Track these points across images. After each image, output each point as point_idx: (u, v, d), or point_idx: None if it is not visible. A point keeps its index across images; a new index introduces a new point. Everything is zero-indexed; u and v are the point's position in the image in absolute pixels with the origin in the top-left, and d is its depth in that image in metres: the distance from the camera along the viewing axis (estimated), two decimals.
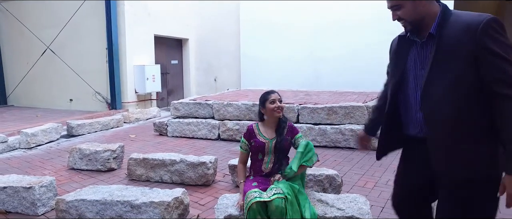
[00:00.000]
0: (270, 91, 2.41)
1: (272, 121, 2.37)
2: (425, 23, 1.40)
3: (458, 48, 1.30)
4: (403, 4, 1.41)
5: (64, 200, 2.63)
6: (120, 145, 4.17)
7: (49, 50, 8.84)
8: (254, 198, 1.97)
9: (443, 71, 1.33)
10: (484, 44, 1.25)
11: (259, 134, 2.34)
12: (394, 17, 1.46)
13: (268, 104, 2.33)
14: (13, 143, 5.13)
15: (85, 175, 3.88)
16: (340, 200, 2.32)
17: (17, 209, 2.89)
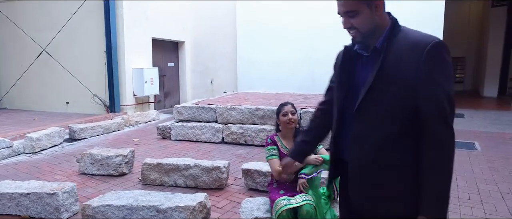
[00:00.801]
0: (284, 103, 2.54)
1: (289, 132, 2.51)
2: (375, 36, 1.29)
3: (401, 69, 1.20)
4: (360, 11, 1.26)
5: (90, 205, 2.73)
6: (131, 150, 4.26)
7: (45, 53, 8.78)
8: (283, 206, 2.12)
9: (381, 92, 1.23)
10: (428, 69, 1.17)
11: (281, 146, 2.48)
12: (346, 25, 1.30)
13: (281, 116, 2.47)
14: (18, 148, 5.15)
15: (98, 180, 3.96)
16: None
17: (40, 215, 2.97)
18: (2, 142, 4.89)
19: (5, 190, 3.02)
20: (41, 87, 9.23)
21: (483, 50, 12.33)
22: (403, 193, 1.24)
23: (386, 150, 1.23)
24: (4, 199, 2.99)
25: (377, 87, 1.23)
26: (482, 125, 7.03)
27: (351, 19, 1.28)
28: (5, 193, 2.98)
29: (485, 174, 4.03)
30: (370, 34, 1.28)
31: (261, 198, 2.63)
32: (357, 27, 1.28)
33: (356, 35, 1.30)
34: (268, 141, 2.52)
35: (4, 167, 4.54)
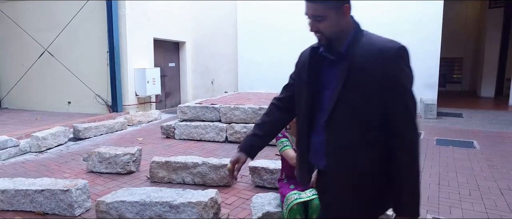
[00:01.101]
0: None
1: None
2: (340, 40, 1.31)
3: (367, 75, 1.22)
4: (327, 16, 1.27)
5: (103, 201, 2.81)
6: (138, 149, 4.33)
7: (46, 53, 8.82)
8: (295, 200, 2.21)
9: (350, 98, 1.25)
10: (395, 75, 1.21)
11: (293, 141, 2.57)
12: (313, 28, 1.31)
13: None
14: (24, 147, 5.20)
15: (106, 178, 4.03)
16: None
17: (54, 211, 3.04)
18: (9, 141, 4.95)
19: (19, 187, 3.08)
20: (42, 87, 9.27)
21: (481, 51, 12.49)
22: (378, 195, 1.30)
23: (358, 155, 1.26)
24: (18, 195, 3.06)
25: (345, 94, 1.25)
26: (480, 124, 7.15)
27: (318, 23, 1.29)
28: (19, 189, 3.05)
29: (485, 172, 4.14)
30: (336, 38, 1.30)
31: (271, 193, 2.72)
32: (323, 31, 1.28)
33: (321, 39, 1.31)
34: (279, 135, 2.58)
35: (12, 166, 4.60)
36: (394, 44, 1.24)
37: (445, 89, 13.80)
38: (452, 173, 4.11)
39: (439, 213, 3.01)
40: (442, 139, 5.93)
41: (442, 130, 6.68)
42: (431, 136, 6.16)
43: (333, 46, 1.32)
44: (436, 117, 7.86)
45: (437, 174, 4.11)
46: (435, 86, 8.67)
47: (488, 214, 2.98)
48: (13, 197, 3.07)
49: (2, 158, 4.81)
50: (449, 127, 7.02)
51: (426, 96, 8.62)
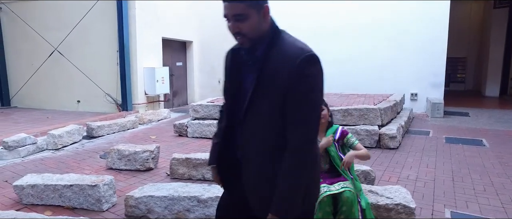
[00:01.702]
0: None
1: (322, 126, 2.67)
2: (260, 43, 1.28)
3: (276, 80, 1.21)
4: (249, 16, 1.22)
5: (132, 196, 2.89)
6: (156, 146, 4.42)
7: (55, 52, 8.91)
8: (324, 193, 2.29)
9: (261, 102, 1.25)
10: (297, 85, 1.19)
11: None
12: (234, 29, 1.24)
13: None
14: (41, 144, 5.29)
15: (127, 175, 4.12)
16: (386, 190, 2.69)
17: (82, 206, 3.12)
18: (28, 139, 5.03)
19: (48, 182, 3.17)
20: (51, 86, 9.36)
21: (485, 51, 12.57)
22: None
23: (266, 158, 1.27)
24: (48, 190, 3.14)
25: (257, 97, 1.24)
26: (488, 123, 7.24)
27: (239, 24, 1.22)
28: (49, 184, 3.13)
29: (497, 168, 4.23)
30: (258, 40, 1.26)
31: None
32: (245, 33, 1.23)
33: (243, 42, 1.25)
34: None
35: (32, 163, 4.69)
36: (301, 52, 1.20)
37: (449, 88, 13.87)
38: (464, 170, 4.19)
39: (457, 208, 3.09)
40: (451, 137, 6.01)
41: (450, 129, 6.76)
42: (440, 134, 6.24)
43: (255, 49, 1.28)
44: (443, 116, 7.94)
45: (450, 170, 4.20)
46: (442, 85, 8.76)
47: (505, 208, 3.07)
48: (43, 192, 3.16)
49: (21, 155, 4.90)
50: (456, 125, 7.10)
51: (432, 95, 8.71)
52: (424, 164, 4.49)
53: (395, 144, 5.25)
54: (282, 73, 1.19)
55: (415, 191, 3.50)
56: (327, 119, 2.62)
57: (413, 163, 4.56)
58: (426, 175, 4.03)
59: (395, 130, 5.35)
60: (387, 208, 2.52)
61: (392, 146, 5.23)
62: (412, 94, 8.93)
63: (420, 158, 4.78)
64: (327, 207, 2.29)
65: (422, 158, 4.77)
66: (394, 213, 2.51)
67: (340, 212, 2.30)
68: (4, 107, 9.70)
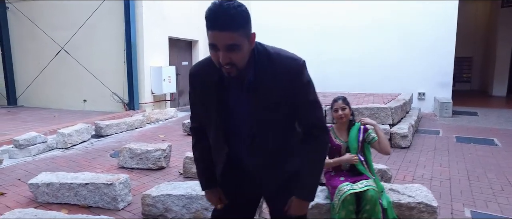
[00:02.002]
0: (335, 99, 2.66)
1: (342, 125, 2.64)
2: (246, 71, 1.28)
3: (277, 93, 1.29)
4: (242, 45, 1.19)
5: (149, 195, 2.87)
6: (168, 145, 4.40)
7: (62, 51, 8.91)
8: (348, 191, 2.27)
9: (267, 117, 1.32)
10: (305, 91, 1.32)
11: (335, 137, 2.62)
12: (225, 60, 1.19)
13: (333, 112, 2.62)
14: (51, 143, 5.27)
15: (139, 173, 4.10)
16: (407, 189, 2.66)
17: (98, 204, 3.10)
18: (38, 137, 5.02)
19: (63, 180, 3.15)
20: (58, 85, 9.35)
21: (492, 50, 12.50)
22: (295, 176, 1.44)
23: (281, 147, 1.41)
24: (63, 188, 3.12)
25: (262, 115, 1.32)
26: (497, 122, 7.19)
27: (231, 54, 1.18)
28: (64, 183, 3.12)
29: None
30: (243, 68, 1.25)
31: None
32: (236, 62, 1.20)
33: (231, 71, 1.22)
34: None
35: (43, 161, 4.68)
36: (296, 62, 1.31)
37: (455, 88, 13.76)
38: (479, 169, 4.16)
39: (476, 207, 3.06)
40: (461, 136, 5.97)
41: (460, 128, 6.72)
42: (450, 134, 6.20)
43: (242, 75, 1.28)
44: (451, 115, 7.90)
45: (464, 169, 4.16)
46: (450, 85, 8.72)
47: None
48: (58, 190, 3.14)
49: (32, 154, 4.89)
50: (466, 125, 7.06)
51: (440, 95, 8.67)
52: (437, 163, 4.45)
53: (407, 143, 5.22)
54: (283, 84, 1.27)
55: (432, 190, 3.43)
56: (348, 117, 2.60)
57: (426, 162, 4.53)
58: (441, 174, 4.00)
59: (406, 128, 5.31)
60: (408, 206, 2.49)
61: (404, 145, 5.20)
62: (420, 94, 8.89)
63: (433, 157, 4.74)
64: (350, 205, 2.26)
65: (434, 157, 4.74)
66: (416, 212, 2.48)
67: (363, 210, 2.28)
68: (11, 106, 9.71)
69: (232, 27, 1.15)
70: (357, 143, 2.54)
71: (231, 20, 1.15)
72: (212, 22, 1.16)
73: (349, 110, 2.60)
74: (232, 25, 1.15)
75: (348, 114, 2.59)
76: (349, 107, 2.61)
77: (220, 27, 1.15)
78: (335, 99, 2.66)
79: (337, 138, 2.61)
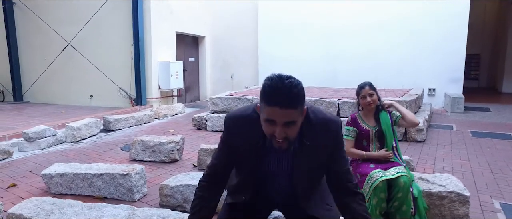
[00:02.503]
0: (362, 86, 2.57)
1: (369, 111, 2.55)
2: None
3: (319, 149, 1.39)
4: (297, 121, 1.25)
5: (168, 185, 2.78)
6: (181, 137, 4.31)
7: (68, 47, 8.84)
8: (380, 178, 2.17)
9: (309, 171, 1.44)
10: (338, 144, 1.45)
11: (363, 123, 2.53)
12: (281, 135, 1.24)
13: (361, 99, 2.53)
14: (60, 137, 5.20)
15: (152, 166, 4.01)
16: (436, 178, 2.55)
17: (113, 195, 3.01)
18: (47, 130, 4.95)
19: (77, 171, 3.07)
20: (64, 81, 9.29)
21: (501, 47, 12.35)
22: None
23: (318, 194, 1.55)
24: (77, 179, 3.04)
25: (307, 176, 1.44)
26: (511, 118, 7.06)
27: (287, 129, 1.23)
28: (78, 173, 3.03)
29: None
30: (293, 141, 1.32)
31: None
32: (290, 136, 1.25)
33: (283, 145, 1.28)
34: (349, 120, 2.58)
35: (53, 154, 4.60)
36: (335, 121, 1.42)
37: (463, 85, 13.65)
38: (501, 162, 4.04)
39: (505, 199, 2.95)
40: (476, 131, 5.85)
41: (474, 123, 6.60)
42: (464, 128, 6.09)
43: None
44: (463, 111, 7.77)
45: (486, 162, 4.05)
46: (461, 80, 8.61)
47: None
48: (72, 181, 3.05)
49: (41, 147, 4.82)
50: (479, 120, 6.94)
51: (450, 90, 8.55)
52: (456, 156, 4.34)
53: (422, 137, 5.11)
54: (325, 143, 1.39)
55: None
56: (376, 103, 2.50)
57: (444, 155, 4.42)
58: (461, 167, 3.89)
59: (421, 122, 5.20)
60: (440, 196, 2.38)
61: (419, 139, 5.09)
62: (430, 90, 8.77)
63: (450, 151, 4.63)
64: (382, 193, 2.17)
65: (452, 151, 4.63)
66: (447, 201, 2.38)
67: (395, 198, 2.18)
68: (17, 103, 9.65)
69: (294, 105, 1.20)
70: (392, 128, 2.46)
71: (293, 100, 1.19)
72: (273, 98, 1.19)
73: (377, 95, 2.51)
74: (293, 104, 1.19)
75: (376, 100, 2.50)
76: (376, 93, 2.51)
77: (281, 104, 1.18)
78: (361, 85, 2.56)
79: (365, 123, 2.52)
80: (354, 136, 2.53)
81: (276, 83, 1.19)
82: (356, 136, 2.53)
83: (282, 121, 1.20)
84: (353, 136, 2.53)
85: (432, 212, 2.41)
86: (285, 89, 1.17)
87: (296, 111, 1.21)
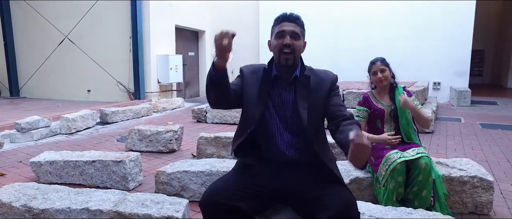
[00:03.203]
0: (373, 61, 2.38)
1: (383, 89, 2.36)
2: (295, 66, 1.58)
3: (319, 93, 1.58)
4: (301, 38, 1.57)
5: (164, 172, 2.58)
6: (180, 126, 4.12)
7: (66, 41, 8.64)
8: (398, 159, 1.97)
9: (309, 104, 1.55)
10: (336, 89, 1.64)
11: (376, 102, 2.33)
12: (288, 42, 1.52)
13: (372, 75, 2.33)
14: (54, 128, 5.00)
15: (149, 156, 3.82)
16: (456, 162, 2.36)
17: (106, 184, 2.82)
18: (41, 121, 4.75)
19: (67, 158, 2.87)
20: (61, 75, 9.09)
21: (506, 43, 12.15)
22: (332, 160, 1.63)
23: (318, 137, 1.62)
24: (68, 167, 2.84)
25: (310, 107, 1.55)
26: None
27: (293, 40, 1.53)
28: (69, 160, 2.83)
29: None
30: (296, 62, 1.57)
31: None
32: (295, 49, 1.53)
33: (289, 58, 1.53)
34: (360, 99, 2.38)
35: (46, 145, 4.40)
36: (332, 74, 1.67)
37: None
38: None
39: None
40: (486, 123, 5.66)
41: (482, 116, 6.40)
42: (473, 121, 5.89)
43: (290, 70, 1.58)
44: (470, 105, 7.57)
45: (500, 152, 3.86)
46: (467, 74, 8.42)
47: None
48: (62, 169, 2.86)
49: (34, 138, 4.62)
50: (487, 113, 6.74)
51: (456, 84, 8.35)
52: (468, 147, 4.15)
53: (431, 127, 4.91)
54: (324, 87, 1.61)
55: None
56: (389, 80, 2.30)
57: (455, 145, 4.22)
58: (475, 156, 3.69)
59: (430, 113, 5.01)
60: (461, 181, 2.18)
61: (428, 130, 4.89)
62: (435, 84, 8.57)
63: (461, 141, 4.44)
64: (400, 176, 1.97)
65: (463, 141, 4.43)
66: (469, 187, 2.18)
67: (414, 183, 1.98)
68: (14, 98, 9.46)
69: (297, 22, 1.58)
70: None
71: (297, 18, 1.59)
72: (283, 17, 1.58)
73: (390, 71, 2.31)
74: (297, 21, 1.58)
75: (389, 76, 2.30)
76: (389, 69, 2.31)
77: (289, 19, 1.57)
78: (373, 61, 2.37)
79: (379, 102, 2.32)
80: (365, 116, 2.34)
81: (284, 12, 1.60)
82: (368, 117, 2.33)
83: (289, 30, 1.53)
84: (364, 117, 2.34)
85: (452, 199, 2.22)
86: (291, 13, 1.59)
87: (300, 28, 1.57)
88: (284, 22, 1.55)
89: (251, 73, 1.66)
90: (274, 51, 1.58)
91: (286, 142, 1.58)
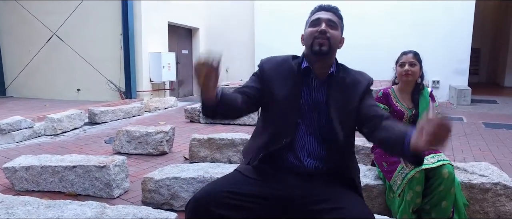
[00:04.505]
0: (405, 52, 2.12)
1: (406, 85, 2.10)
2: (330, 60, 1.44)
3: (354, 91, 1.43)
4: (338, 29, 1.43)
5: (152, 179, 2.33)
6: (171, 127, 3.87)
7: (54, 38, 8.31)
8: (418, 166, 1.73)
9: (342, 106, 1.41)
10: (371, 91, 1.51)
11: (396, 101, 2.09)
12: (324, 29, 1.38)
13: (398, 67, 2.09)
14: (38, 129, 4.71)
15: (138, 159, 3.56)
16: (474, 167, 2.15)
17: (88, 191, 2.56)
18: (23, 122, 4.46)
19: (46, 163, 2.60)
20: (50, 74, 8.75)
21: (503, 41, 12.05)
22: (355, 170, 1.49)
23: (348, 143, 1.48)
24: (46, 173, 2.57)
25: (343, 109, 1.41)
26: None
27: (329, 29, 1.39)
28: (47, 166, 2.57)
29: None
30: (332, 53, 1.41)
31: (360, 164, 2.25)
32: (330, 36, 1.38)
33: (324, 43, 1.37)
34: (379, 95, 2.12)
35: (28, 148, 4.12)
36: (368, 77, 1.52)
37: None
38: None
39: None
40: (489, 122, 5.49)
41: (484, 115, 6.23)
42: (475, 120, 5.72)
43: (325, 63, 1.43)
44: (470, 103, 7.41)
45: (510, 153, 3.66)
46: (466, 72, 8.27)
47: None
48: (39, 175, 2.59)
49: (16, 140, 4.33)
50: (488, 112, 6.58)
51: (455, 82, 8.19)
52: (475, 148, 3.95)
53: None
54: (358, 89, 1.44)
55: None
56: (416, 77, 2.05)
57: (461, 146, 4.03)
58: (484, 158, 3.49)
59: None
60: (483, 188, 1.97)
61: None
62: (434, 82, 8.40)
63: (467, 142, 4.24)
64: (418, 185, 1.74)
65: (469, 142, 4.24)
66: (491, 194, 1.96)
67: (434, 193, 1.75)
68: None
69: (335, 12, 1.45)
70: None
71: (335, 9, 1.46)
72: (320, 6, 1.47)
73: (420, 69, 2.06)
74: (335, 11, 1.46)
75: (417, 72, 2.04)
76: (420, 66, 2.06)
77: (326, 9, 1.45)
78: (405, 52, 2.11)
79: (399, 102, 2.07)
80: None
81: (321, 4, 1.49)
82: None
83: (325, 18, 1.40)
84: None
85: (472, 208, 2.00)
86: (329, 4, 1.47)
87: (338, 19, 1.44)
88: (321, 11, 1.44)
89: (274, 68, 1.46)
90: (307, 39, 1.42)
91: (307, 149, 1.39)
